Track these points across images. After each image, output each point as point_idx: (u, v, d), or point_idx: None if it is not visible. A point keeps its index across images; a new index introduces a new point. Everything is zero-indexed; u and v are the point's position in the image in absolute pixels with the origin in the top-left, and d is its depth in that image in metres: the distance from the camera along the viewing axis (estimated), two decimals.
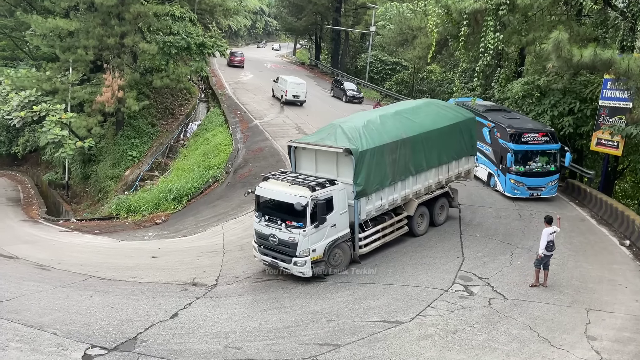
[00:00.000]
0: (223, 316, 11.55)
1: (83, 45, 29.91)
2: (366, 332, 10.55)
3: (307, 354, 9.71)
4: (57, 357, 9.52)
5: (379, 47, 53.04)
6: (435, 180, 16.21)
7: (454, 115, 17.04)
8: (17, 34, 38.01)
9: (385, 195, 14.56)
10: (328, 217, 13.10)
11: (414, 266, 14.12)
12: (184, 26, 33.96)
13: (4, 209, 29.85)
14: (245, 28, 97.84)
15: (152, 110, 37.25)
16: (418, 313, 11.37)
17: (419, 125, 15.57)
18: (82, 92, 31.20)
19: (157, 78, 32.94)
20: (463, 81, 33.05)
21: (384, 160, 14.16)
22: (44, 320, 11.16)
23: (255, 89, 43.07)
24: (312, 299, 12.35)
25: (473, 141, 17.71)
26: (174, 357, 9.59)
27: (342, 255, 13.82)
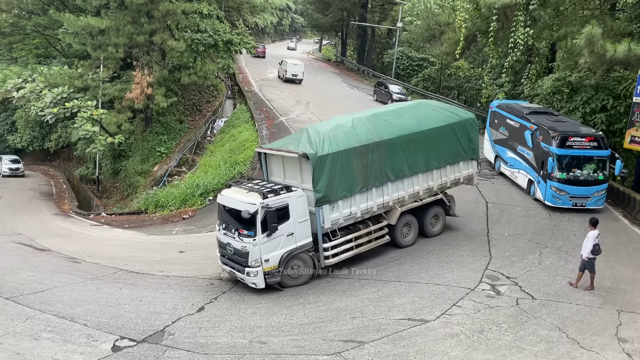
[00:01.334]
0: (248, 311, 11.66)
1: (113, 42, 30.48)
2: (391, 329, 10.51)
3: (332, 350, 9.73)
4: (87, 348, 9.76)
5: (405, 43, 52.59)
6: (423, 186, 15.00)
7: (446, 116, 15.65)
8: (50, 32, 38.94)
9: (356, 202, 13.54)
10: (284, 225, 12.43)
11: (440, 264, 13.99)
12: (211, 23, 34.31)
13: (37, 203, 30.74)
14: (272, 25, 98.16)
15: (180, 107, 37.76)
16: (444, 312, 11.27)
17: (398, 127, 14.40)
18: (112, 89, 31.83)
19: (185, 75, 33.36)
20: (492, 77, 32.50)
21: (350, 165, 13.24)
22: (75, 312, 11.45)
23: (281, 86, 43.20)
24: (337, 296, 12.36)
25: (473, 144, 16.11)
26: (200, 350, 9.72)
27: (303, 266, 12.99)
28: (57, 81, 31.35)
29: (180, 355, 9.55)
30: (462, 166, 16.02)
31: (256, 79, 45.74)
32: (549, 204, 18.28)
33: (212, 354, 9.58)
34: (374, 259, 14.50)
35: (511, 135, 21.14)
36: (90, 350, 9.69)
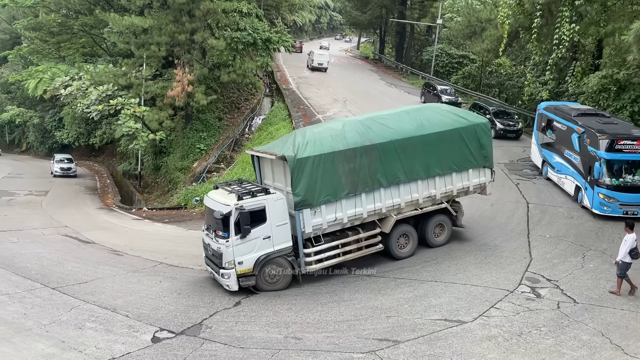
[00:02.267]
0: (284, 307, 11.77)
1: (156, 41, 31.17)
2: (426, 330, 10.40)
3: (366, 348, 9.71)
4: (128, 338, 10.06)
5: (445, 40, 51.79)
6: (424, 194, 14.21)
7: (452, 120, 14.71)
8: (96, 31, 40.12)
9: (342, 208, 13.06)
10: (260, 228, 12.28)
11: (478, 265, 13.74)
12: (250, 22, 34.62)
13: (82, 197, 31.84)
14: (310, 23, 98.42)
15: (219, 105, 38.31)
16: (481, 313, 11.07)
17: (394, 131, 13.76)
18: (154, 87, 32.57)
19: (225, 73, 33.80)
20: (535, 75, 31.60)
21: (335, 169, 12.79)
22: (117, 303, 11.82)
23: (318, 84, 43.28)
24: (372, 294, 12.32)
25: (485, 151, 15.03)
26: (237, 344, 9.87)
27: (281, 271, 12.76)
28: (102, 79, 32.32)
29: (217, 348, 9.73)
30: (471, 174, 14.97)
31: (294, 76, 45.97)
32: (597, 212, 17.08)
33: (247, 348, 9.71)
34: (409, 258, 14.39)
35: (558, 138, 20.19)
36: (131, 340, 9.98)
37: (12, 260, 15.04)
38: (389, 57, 63.21)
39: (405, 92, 42.10)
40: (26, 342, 9.72)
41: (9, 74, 50.55)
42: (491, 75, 42.80)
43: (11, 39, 57.59)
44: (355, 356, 9.44)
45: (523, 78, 35.03)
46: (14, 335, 9.98)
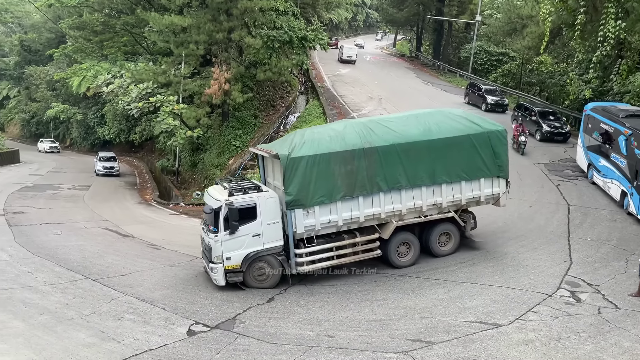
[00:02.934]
0: (316, 304, 11.80)
1: (194, 40, 31.69)
2: (461, 331, 10.25)
3: (399, 348, 9.63)
4: (165, 331, 10.28)
5: (484, 37, 50.80)
6: (428, 201, 13.63)
7: (464, 127, 13.95)
8: (137, 30, 41.11)
9: (337, 210, 12.77)
10: (250, 225, 12.34)
11: (516, 268, 13.44)
12: (287, 20, 34.78)
13: (122, 192, 32.73)
14: (346, 20, 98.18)
15: (255, 103, 38.68)
16: (518, 317, 10.82)
17: (397, 135, 13.30)
18: (192, 85, 33.16)
19: (261, 71, 34.09)
20: (578, 73, 30.68)
21: (330, 170, 12.54)
22: (155, 296, 12.10)
23: (353, 82, 43.16)
24: (405, 294, 12.22)
25: (500, 160, 14.19)
26: (269, 340, 9.96)
27: (270, 269, 12.71)
28: (143, 77, 33.08)
29: (251, 343, 9.84)
30: (483, 184, 14.19)
31: (329, 74, 45.97)
32: None
33: (280, 344, 9.79)
34: (444, 259, 14.20)
35: (604, 141, 19.38)
36: (167, 332, 10.20)
37: (56, 252, 15.60)
38: (426, 54, 62.50)
39: (442, 90, 41.54)
40: (68, 332, 10.06)
41: (54, 71, 52.39)
42: (532, 73, 41.74)
43: (57, 37, 59.69)
44: (387, 356, 9.38)
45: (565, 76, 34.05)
46: (56, 325, 10.35)
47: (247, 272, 12.62)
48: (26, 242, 16.60)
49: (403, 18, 60.58)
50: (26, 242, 16.51)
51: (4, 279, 13.01)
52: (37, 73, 58.88)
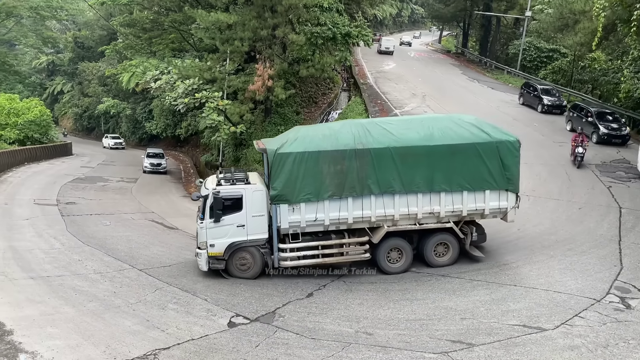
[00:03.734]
0: (355, 301, 11.78)
1: (239, 37, 32.12)
2: (503, 334, 10.01)
3: (439, 349, 9.51)
4: (206, 321, 10.51)
5: (534, 33, 49.27)
6: (424, 209, 13.16)
7: (471, 134, 13.25)
8: (185, 27, 42.02)
9: (324, 209, 12.73)
10: (234, 215, 12.68)
11: (562, 271, 13.01)
12: (331, 17, 34.76)
13: (168, 185, 33.62)
14: (391, 17, 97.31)
15: (297, 99, 38.91)
16: (564, 321, 10.48)
17: (394, 138, 12.96)
18: (236, 81, 33.64)
19: (304, 68, 34.23)
20: (633, 71, 29.32)
21: (319, 168, 12.51)
22: (197, 287, 12.39)
23: (397, 78, 42.75)
24: (446, 295, 12.04)
25: (509, 172, 13.33)
26: (308, 335, 10.02)
27: (252, 260, 13.00)
28: (189, 73, 33.80)
29: (290, 337, 9.93)
30: (489, 196, 13.40)
31: (372, 71, 45.70)
32: None
33: (319, 339, 9.83)
34: (487, 260, 13.91)
35: None
36: (209, 323, 10.42)
37: (105, 242, 16.19)
38: (472, 51, 61.20)
39: (489, 87, 40.61)
40: (115, 319, 10.43)
41: (105, 67, 54.27)
42: (584, 70, 40.24)
43: (108, 35, 61.76)
44: (427, 356, 9.28)
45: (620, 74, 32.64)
46: (104, 312, 10.75)
47: (230, 260, 13.01)
48: (77, 231, 17.29)
49: (449, 14, 59.51)
50: (77, 232, 17.19)
51: (56, 266, 13.62)
52: (90, 69, 61.17)
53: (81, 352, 8.90)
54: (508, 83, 44.17)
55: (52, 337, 9.37)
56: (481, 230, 14.13)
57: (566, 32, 39.20)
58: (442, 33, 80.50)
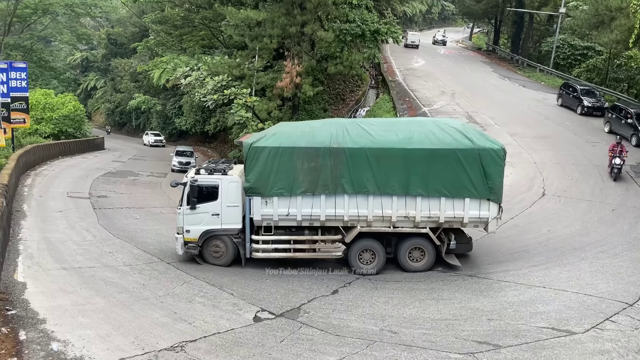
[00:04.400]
0: (380, 299, 11.75)
1: (268, 34, 32.30)
2: (531, 337, 9.85)
3: (465, 349, 9.41)
4: (232, 315, 10.64)
5: (568, 30, 48.09)
6: (399, 212, 12.97)
7: (452, 140, 12.88)
8: (214, 24, 42.46)
9: (297, 205, 12.92)
10: (210, 204, 13.30)
11: (593, 274, 12.71)
12: (360, 13, 34.63)
13: None
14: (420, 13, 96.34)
15: (325, 96, 38.93)
16: (594, 325, 10.24)
17: (371, 139, 12.93)
18: (265, 78, 33.85)
19: (332, 65, 34.22)
20: None
21: (293, 164, 12.73)
22: (224, 281, 12.54)
23: (426, 76, 42.35)
24: (473, 295, 11.90)
25: (491, 182, 12.78)
26: (333, 332, 10.04)
27: (224, 249, 13.54)
28: (218, 70, 34.17)
29: (314, 333, 9.97)
30: (469, 204, 12.94)
31: (401, 68, 45.37)
32: None
33: (343, 336, 9.84)
34: (516, 261, 13.70)
35: None
36: (235, 317, 10.55)
37: (135, 235, 16.52)
38: (504, 48, 60.13)
39: (520, 85, 39.88)
40: (144, 310, 10.64)
41: (137, 64, 55.25)
42: (619, 68, 39.13)
43: (140, 31, 62.87)
44: (452, 356, 9.20)
45: None
46: (133, 303, 10.98)
47: (204, 247, 13.61)
48: (108, 224, 17.68)
49: (481, 10, 58.62)
50: (108, 224, 17.58)
51: (88, 257, 13.96)
52: (122, 65, 62.37)
53: (111, 342, 9.11)
54: (540, 81, 43.27)
55: (83, 327, 9.62)
56: (465, 239, 13.78)
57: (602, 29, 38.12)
58: (472, 30, 79.32)
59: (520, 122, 29.37)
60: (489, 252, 14.60)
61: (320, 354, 9.11)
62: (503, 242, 15.36)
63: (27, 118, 29.75)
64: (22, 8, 51.10)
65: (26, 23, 56.95)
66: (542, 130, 27.81)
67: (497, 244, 15.24)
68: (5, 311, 9.98)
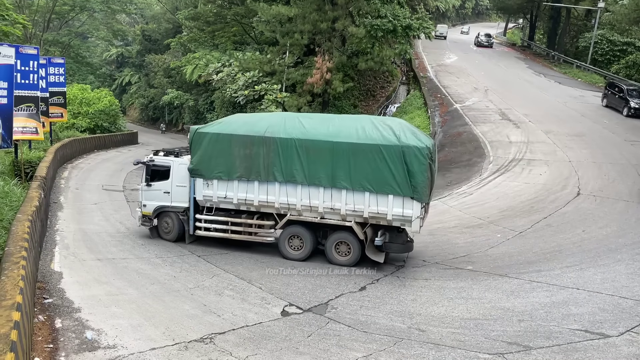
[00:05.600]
0: (408, 297, 11.67)
1: (299, 30, 32.42)
2: (563, 339, 9.63)
3: (494, 349, 9.27)
4: (260, 309, 10.74)
5: (606, 25, 46.70)
6: (325, 204, 13.20)
7: (379, 136, 12.77)
8: (246, 20, 42.83)
9: (233, 189, 13.85)
10: (162, 183, 14.79)
11: (630, 276, 12.34)
12: (391, 9, 34.39)
13: None
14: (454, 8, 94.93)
15: (355, 92, 38.81)
16: (629, 328, 9.94)
17: (304, 131, 13.29)
18: (295, 74, 33.98)
19: (362, 61, 34.11)
20: None
21: (230, 150, 13.63)
22: (252, 275, 12.66)
23: (458, 72, 41.76)
24: (503, 295, 11.70)
25: (414, 180, 12.48)
26: (360, 328, 10.03)
27: (172, 225, 14.92)
28: (249, 66, 34.48)
29: (342, 329, 9.98)
30: (392, 202, 12.76)
31: (432, 64, 44.86)
32: None
33: (371, 333, 9.82)
34: (548, 261, 13.41)
35: None
36: (263, 311, 10.64)
37: None
38: (539, 44, 58.78)
39: (556, 82, 38.95)
40: (174, 302, 10.84)
41: (170, 60, 56.17)
42: None
43: (174, 28, 63.87)
44: (481, 356, 9.07)
45: None
46: (164, 295, 11.20)
47: (159, 222, 15.08)
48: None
49: (516, 5, 57.44)
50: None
51: (121, 249, 14.31)
52: (156, 61, 63.47)
53: (142, 332, 9.32)
54: (577, 78, 42.19)
55: (116, 317, 9.86)
56: (401, 239, 13.59)
57: None
58: (507, 25, 77.79)
59: (556, 119, 28.69)
60: (520, 252, 14.34)
61: (347, 350, 9.11)
62: (535, 242, 15.08)
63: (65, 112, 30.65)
64: (61, 5, 52.57)
65: (64, 20, 58.57)
66: (578, 128, 27.12)
67: (530, 244, 14.97)
68: (43, 299, 10.32)
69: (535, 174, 21.62)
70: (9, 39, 26.30)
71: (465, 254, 14.59)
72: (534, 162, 23.06)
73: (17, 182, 17.81)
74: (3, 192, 14.74)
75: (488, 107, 31.72)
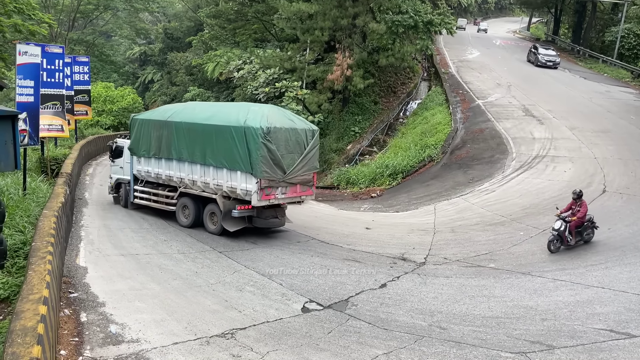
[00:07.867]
0: (429, 295, 11.60)
1: (320, 26, 32.36)
2: (587, 338, 9.46)
3: (516, 348, 9.16)
4: (281, 305, 10.78)
5: (634, 19, 45.61)
6: (201, 179, 15.61)
7: (235, 119, 14.85)
8: (267, 17, 42.95)
9: (152, 165, 16.94)
10: (119, 160, 18.62)
11: None
12: (412, 4, 34.10)
13: None
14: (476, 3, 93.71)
15: (376, 89, 38.59)
16: None
17: (190, 115, 16.10)
18: (315, 71, 33.95)
19: (383, 57, 33.89)
20: None
21: (149, 132, 16.67)
22: (273, 272, 12.73)
23: (480, 68, 41.25)
24: (526, 294, 11.55)
25: (252, 157, 14.31)
26: (380, 325, 10.00)
27: (123, 194, 18.52)
28: (270, 63, 34.57)
29: (362, 326, 9.96)
30: (240, 177, 14.76)
31: (454, 60, 44.38)
32: None
33: (391, 331, 9.79)
34: (572, 260, 13.19)
35: None
36: (283, 307, 10.69)
37: None
38: (564, 38, 57.68)
39: (581, 77, 38.23)
40: (196, 297, 10.96)
41: (192, 58, 56.66)
42: None
43: (195, 26, 64.34)
44: (503, 355, 8.97)
45: None
46: (186, 290, 11.34)
47: (118, 192, 18.87)
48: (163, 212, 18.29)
49: None
50: (163, 213, 18.19)
51: (144, 245, 14.51)
52: (178, 59, 64.02)
53: (165, 326, 9.45)
54: (603, 73, 41.33)
55: (140, 311, 10.01)
56: (265, 214, 15.59)
57: None
58: (530, 20, 76.53)
59: (581, 115, 28.16)
60: (544, 250, 14.13)
61: (368, 347, 9.10)
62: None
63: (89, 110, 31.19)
64: (85, 4, 53.41)
65: (89, 19, 59.50)
66: (603, 124, 26.56)
67: None
68: (68, 294, 10.54)
69: (559, 171, 21.25)
70: (36, 38, 26.83)
71: (487, 251, 14.45)
72: (558, 159, 22.67)
73: (44, 178, 18.21)
74: (30, 188, 15.09)
75: (511, 103, 31.26)
